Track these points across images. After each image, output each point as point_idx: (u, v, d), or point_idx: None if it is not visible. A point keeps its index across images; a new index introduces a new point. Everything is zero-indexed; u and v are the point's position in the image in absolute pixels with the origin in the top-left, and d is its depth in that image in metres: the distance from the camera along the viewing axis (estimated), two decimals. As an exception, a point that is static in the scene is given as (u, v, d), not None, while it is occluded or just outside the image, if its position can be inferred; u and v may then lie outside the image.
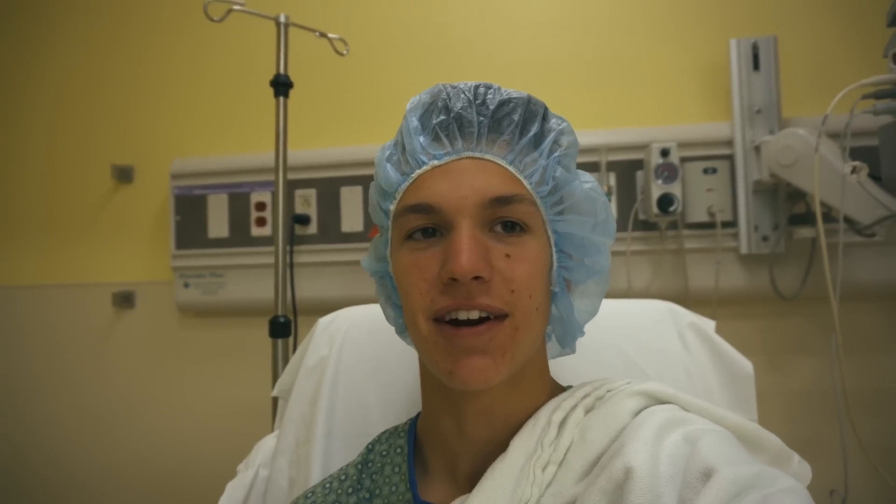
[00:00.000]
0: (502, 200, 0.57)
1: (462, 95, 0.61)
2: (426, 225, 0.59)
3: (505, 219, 0.58)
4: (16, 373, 1.76)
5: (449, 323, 0.57)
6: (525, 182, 0.59)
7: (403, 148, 0.62)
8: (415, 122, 0.62)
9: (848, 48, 1.43)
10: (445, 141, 0.60)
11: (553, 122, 0.63)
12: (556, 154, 0.61)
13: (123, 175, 1.72)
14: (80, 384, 1.72)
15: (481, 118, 0.60)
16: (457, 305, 0.56)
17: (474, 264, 0.54)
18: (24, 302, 1.77)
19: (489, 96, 0.61)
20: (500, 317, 0.56)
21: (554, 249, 0.62)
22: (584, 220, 0.62)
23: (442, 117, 0.60)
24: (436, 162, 0.59)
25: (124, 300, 1.71)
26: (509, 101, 0.61)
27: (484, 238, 0.57)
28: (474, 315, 0.56)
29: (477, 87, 0.62)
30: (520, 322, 0.57)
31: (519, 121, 0.60)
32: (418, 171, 0.60)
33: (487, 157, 0.59)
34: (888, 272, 1.30)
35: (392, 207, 0.62)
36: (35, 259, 1.78)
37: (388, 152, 0.64)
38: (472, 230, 0.56)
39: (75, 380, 1.73)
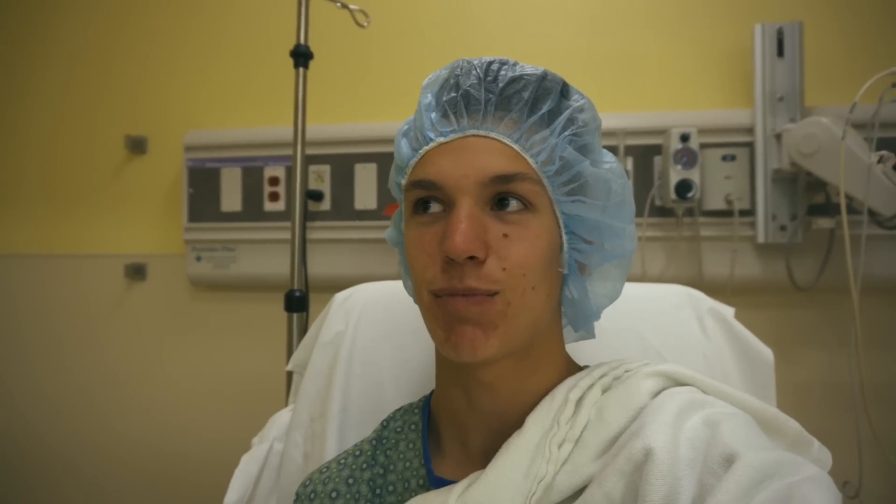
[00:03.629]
0: (504, 179, 0.57)
1: (473, 72, 0.61)
2: (428, 198, 0.59)
3: (505, 195, 0.57)
4: (30, 340, 1.77)
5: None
6: (531, 161, 0.58)
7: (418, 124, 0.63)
8: (429, 98, 0.62)
9: (873, 37, 1.40)
10: (452, 118, 0.60)
11: (573, 99, 0.62)
12: (567, 132, 0.60)
13: (137, 146, 1.72)
14: (92, 354, 1.73)
15: (489, 95, 0.59)
16: (450, 288, 0.56)
17: (469, 244, 0.54)
18: (37, 270, 1.77)
19: (502, 73, 0.60)
20: (492, 293, 0.56)
21: (563, 231, 0.61)
22: (593, 202, 0.61)
23: (452, 94, 0.60)
24: (442, 139, 0.60)
25: (136, 272, 1.71)
26: (521, 78, 0.60)
27: (483, 216, 0.57)
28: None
29: (490, 63, 0.61)
30: (511, 298, 0.56)
31: (529, 98, 0.59)
32: (425, 148, 0.61)
33: (492, 135, 0.58)
34: (906, 265, 1.29)
35: (403, 182, 0.63)
36: (48, 228, 1.78)
37: (405, 127, 0.65)
38: (471, 208, 0.56)
39: (87, 350, 1.74)
